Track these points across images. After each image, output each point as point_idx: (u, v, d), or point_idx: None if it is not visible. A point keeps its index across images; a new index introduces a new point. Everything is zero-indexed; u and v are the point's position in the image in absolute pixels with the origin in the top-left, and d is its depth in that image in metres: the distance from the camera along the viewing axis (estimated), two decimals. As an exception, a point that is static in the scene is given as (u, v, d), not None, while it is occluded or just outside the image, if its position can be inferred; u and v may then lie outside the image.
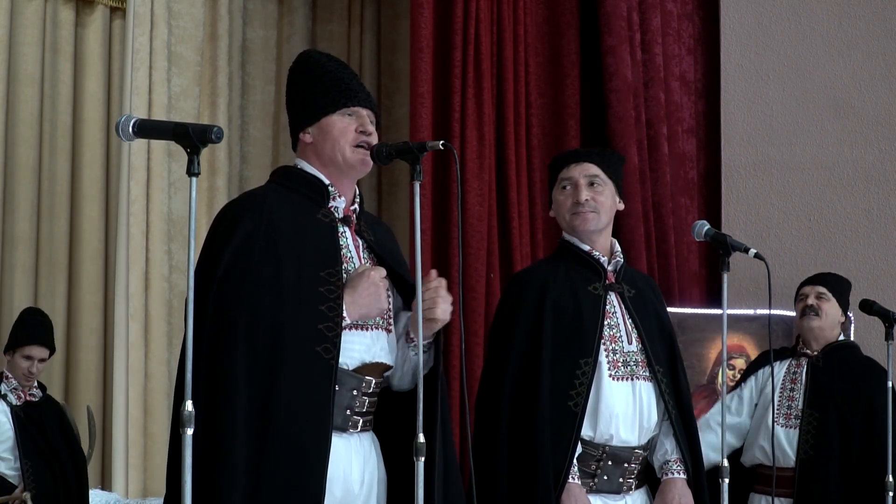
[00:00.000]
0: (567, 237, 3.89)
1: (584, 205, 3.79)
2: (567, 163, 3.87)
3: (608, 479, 3.71)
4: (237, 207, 3.15)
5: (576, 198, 3.80)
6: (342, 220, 3.17)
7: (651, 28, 6.79)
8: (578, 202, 3.80)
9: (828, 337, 5.07)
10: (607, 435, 3.70)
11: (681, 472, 3.76)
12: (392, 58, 7.25)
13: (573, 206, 3.81)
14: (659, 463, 3.81)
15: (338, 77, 3.19)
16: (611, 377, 3.72)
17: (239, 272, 2.99)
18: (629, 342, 3.78)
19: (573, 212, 3.81)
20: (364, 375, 3.08)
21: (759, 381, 5.13)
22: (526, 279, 3.90)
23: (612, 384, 3.71)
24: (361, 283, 3.06)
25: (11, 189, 6.44)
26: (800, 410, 4.98)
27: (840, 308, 5.14)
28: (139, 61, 6.40)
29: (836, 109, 6.76)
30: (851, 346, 5.25)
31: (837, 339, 5.14)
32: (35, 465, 5.55)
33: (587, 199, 3.79)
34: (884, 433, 4.85)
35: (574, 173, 3.84)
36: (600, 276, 3.82)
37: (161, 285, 6.39)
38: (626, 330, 3.79)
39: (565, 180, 3.84)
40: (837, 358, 5.05)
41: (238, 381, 2.90)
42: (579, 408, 3.64)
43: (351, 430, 3.08)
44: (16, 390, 5.67)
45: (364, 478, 3.10)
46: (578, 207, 3.80)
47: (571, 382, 3.66)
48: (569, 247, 3.87)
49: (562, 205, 3.84)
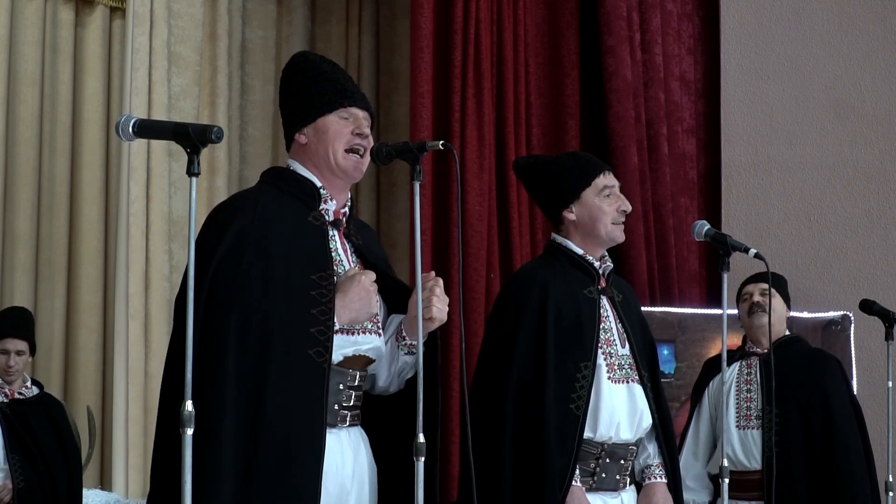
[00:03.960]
0: (559, 239, 3.88)
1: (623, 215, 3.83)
2: (602, 169, 3.88)
3: (606, 476, 3.72)
4: (229, 208, 3.14)
5: (624, 206, 3.82)
6: (332, 223, 3.16)
7: (651, 28, 6.79)
8: (625, 211, 3.83)
9: (777, 332, 5.06)
10: (607, 436, 3.73)
11: (662, 477, 3.81)
12: (390, 58, 7.25)
13: (620, 215, 3.83)
14: (640, 466, 3.85)
15: (334, 78, 3.19)
16: (609, 380, 3.74)
17: (230, 272, 2.98)
18: (622, 346, 3.80)
19: (618, 221, 3.82)
20: (347, 368, 3.07)
21: (711, 400, 5.12)
22: (528, 279, 3.88)
23: (612, 387, 3.73)
24: (352, 287, 3.05)
25: (11, 189, 6.43)
26: (759, 410, 4.97)
27: (784, 303, 5.14)
28: (139, 61, 6.40)
29: (836, 109, 6.76)
30: (799, 339, 5.25)
31: (785, 333, 5.15)
32: (22, 461, 5.55)
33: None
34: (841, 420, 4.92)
35: (613, 182, 3.87)
36: (594, 279, 3.83)
37: (161, 285, 6.39)
38: (619, 334, 3.81)
39: (608, 188, 3.84)
40: (788, 352, 5.05)
41: (228, 381, 2.89)
42: (581, 410, 3.66)
43: (339, 426, 3.08)
44: (2, 388, 5.67)
45: (355, 471, 3.11)
46: (623, 217, 3.83)
47: (572, 385, 3.68)
48: (562, 249, 3.87)
49: (605, 212, 3.81)
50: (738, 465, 4.96)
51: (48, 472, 5.58)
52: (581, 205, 3.83)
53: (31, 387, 5.79)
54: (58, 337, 6.45)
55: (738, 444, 4.98)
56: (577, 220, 3.83)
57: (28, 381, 5.79)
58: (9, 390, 5.68)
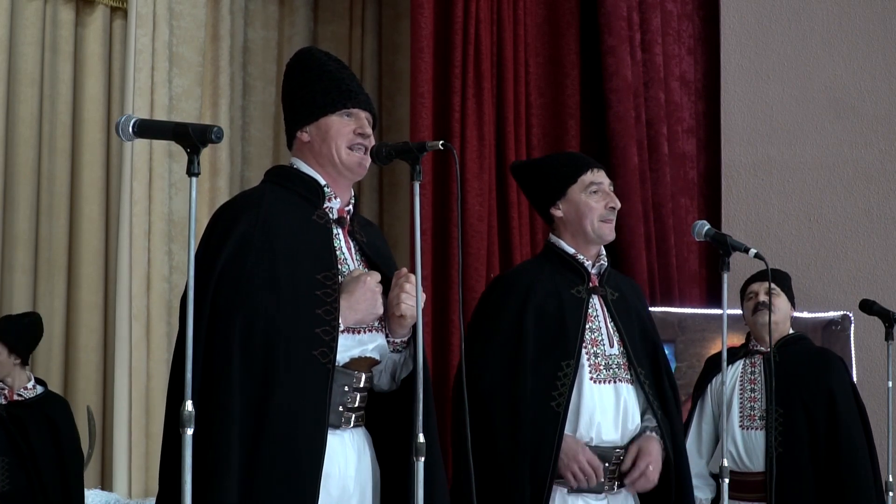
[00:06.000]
0: (553, 239, 3.89)
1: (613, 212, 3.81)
2: (590, 166, 3.87)
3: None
4: (234, 207, 3.14)
5: (612, 203, 3.81)
6: (336, 221, 3.17)
7: (651, 28, 6.79)
8: (614, 208, 3.81)
9: (781, 331, 5.06)
10: (587, 437, 3.70)
11: (659, 442, 3.75)
12: (393, 58, 7.26)
13: (609, 213, 3.81)
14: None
15: (338, 77, 3.19)
16: (591, 380, 3.71)
17: (235, 273, 2.98)
18: (611, 345, 3.78)
19: (605, 218, 3.81)
20: (353, 370, 3.08)
21: (713, 398, 5.11)
22: (509, 282, 3.89)
23: (593, 387, 3.71)
24: (358, 288, 3.05)
25: (11, 189, 6.43)
26: (763, 410, 4.96)
27: (789, 302, 5.14)
28: (141, 62, 6.41)
29: (836, 109, 6.76)
30: (804, 338, 5.24)
31: (789, 332, 5.14)
32: (11, 463, 5.54)
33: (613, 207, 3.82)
34: (846, 419, 4.91)
35: (601, 179, 3.85)
36: (584, 279, 3.82)
37: (162, 286, 6.40)
38: (608, 333, 3.79)
39: (596, 184, 3.83)
40: (792, 351, 5.05)
41: (234, 382, 2.89)
42: (561, 408, 3.64)
43: (344, 427, 3.08)
44: (2, 390, 5.67)
45: (358, 473, 3.11)
46: (611, 214, 3.82)
47: (553, 384, 3.67)
48: (554, 250, 3.87)
49: (592, 209, 3.80)
50: (741, 465, 4.95)
51: (38, 475, 5.57)
52: (567, 201, 3.82)
53: (33, 387, 5.78)
54: (58, 337, 6.45)
55: (741, 444, 4.97)
56: (564, 217, 3.83)
57: (30, 381, 5.79)
58: (8, 392, 5.68)
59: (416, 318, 3.08)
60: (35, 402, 5.73)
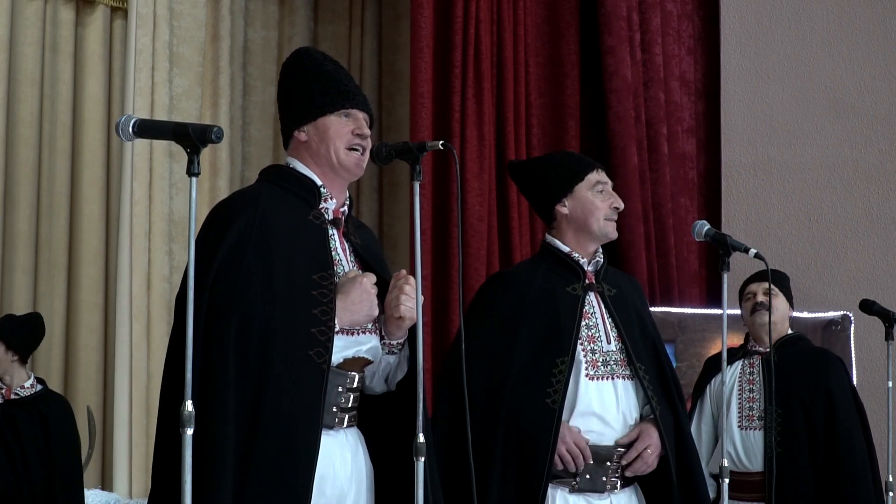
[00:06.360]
0: (549, 239, 3.90)
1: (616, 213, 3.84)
2: (594, 166, 3.89)
3: (590, 478, 3.69)
4: (230, 207, 3.14)
5: (617, 204, 3.83)
6: (331, 222, 3.17)
7: (651, 28, 6.80)
8: (618, 209, 3.83)
9: (780, 331, 5.06)
10: (585, 435, 3.69)
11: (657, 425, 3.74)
12: (393, 58, 7.26)
13: (613, 212, 3.83)
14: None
15: (336, 78, 3.19)
16: (588, 377, 3.71)
17: (232, 272, 2.97)
18: (608, 342, 3.77)
19: (611, 217, 3.83)
20: (347, 371, 3.08)
21: (712, 398, 5.11)
22: (504, 281, 3.90)
23: (589, 384, 3.70)
24: (354, 289, 3.05)
25: (11, 189, 6.43)
26: (762, 410, 4.95)
27: (787, 302, 5.14)
28: (141, 62, 6.41)
29: (836, 109, 6.76)
30: (802, 338, 5.24)
31: (788, 332, 5.14)
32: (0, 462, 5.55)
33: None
34: (845, 420, 4.91)
35: (606, 179, 3.88)
36: (579, 276, 3.83)
37: (162, 286, 6.40)
38: (606, 329, 3.78)
39: (602, 184, 3.85)
40: (791, 351, 5.05)
41: (229, 382, 2.89)
42: (557, 405, 3.64)
43: (338, 427, 3.08)
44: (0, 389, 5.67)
45: (353, 473, 3.11)
46: (615, 214, 3.84)
47: (549, 381, 3.66)
48: (550, 249, 3.88)
49: (598, 207, 3.81)
50: (740, 465, 4.95)
51: (27, 472, 5.57)
52: (574, 199, 3.83)
53: (32, 385, 5.78)
54: (58, 337, 6.45)
55: (739, 444, 4.97)
56: (569, 215, 3.84)
57: (30, 379, 5.78)
58: (6, 390, 5.68)
59: (415, 320, 3.08)
60: (30, 400, 5.72)
